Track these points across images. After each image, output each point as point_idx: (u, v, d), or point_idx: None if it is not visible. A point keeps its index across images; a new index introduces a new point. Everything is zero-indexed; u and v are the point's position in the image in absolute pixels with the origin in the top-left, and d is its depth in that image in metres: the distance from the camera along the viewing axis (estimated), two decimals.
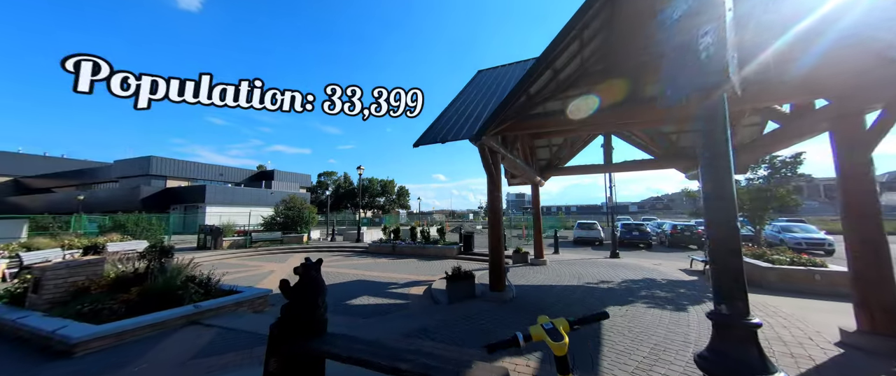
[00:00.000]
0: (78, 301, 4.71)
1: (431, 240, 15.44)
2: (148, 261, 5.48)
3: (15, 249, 9.45)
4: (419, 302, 6.60)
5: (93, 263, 5.36)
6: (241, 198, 35.51)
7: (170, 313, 4.52)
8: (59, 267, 4.99)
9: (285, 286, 2.83)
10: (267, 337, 4.09)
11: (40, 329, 3.99)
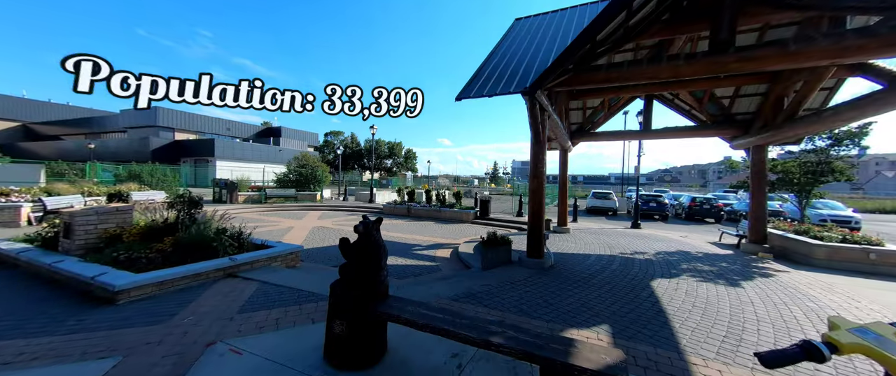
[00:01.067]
0: (112, 248, 4.59)
1: (447, 203, 15.30)
2: (177, 212, 5.29)
3: (36, 193, 9.41)
4: (449, 265, 6.50)
5: (122, 211, 5.19)
6: (251, 154, 35.32)
7: (207, 265, 4.40)
8: (89, 213, 4.82)
9: (346, 245, 2.58)
10: (310, 294, 3.99)
11: (79, 274, 3.89)
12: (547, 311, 3.50)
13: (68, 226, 4.80)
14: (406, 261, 6.66)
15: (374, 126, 19.47)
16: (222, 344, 2.75)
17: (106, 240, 4.89)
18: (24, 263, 4.77)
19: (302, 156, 19.40)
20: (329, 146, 57.13)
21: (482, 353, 2.61)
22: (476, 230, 11.61)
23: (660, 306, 3.67)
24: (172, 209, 5.42)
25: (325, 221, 12.74)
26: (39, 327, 3.05)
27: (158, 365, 2.45)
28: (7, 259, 5.03)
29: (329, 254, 7.12)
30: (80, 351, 2.63)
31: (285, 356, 2.55)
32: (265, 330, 3.02)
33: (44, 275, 4.50)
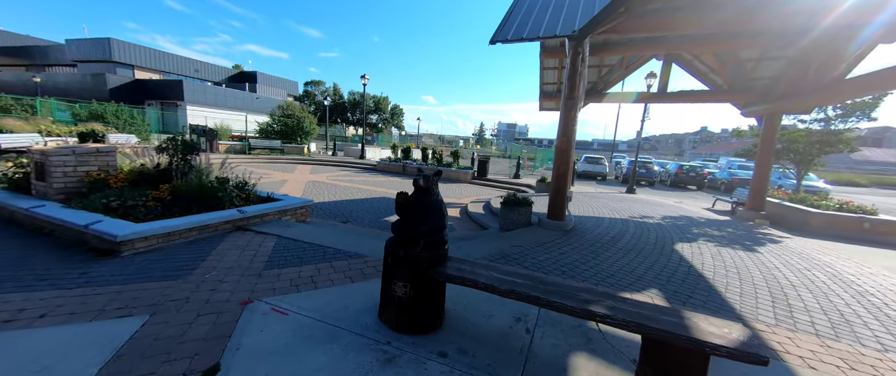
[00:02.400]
0: (101, 194, 4.05)
1: (444, 163, 14.95)
2: (169, 157, 4.69)
3: None
4: (461, 224, 6.38)
5: (103, 152, 4.53)
6: (224, 100, 32.45)
7: (215, 216, 3.99)
8: (65, 152, 4.16)
9: (406, 201, 2.28)
10: (337, 251, 3.71)
11: (69, 221, 3.40)
12: (591, 274, 3.46)
13: (42, 167, 4.15)
14: None
15: (365, 76, 18.06)
16: (261, 303, 2.50)
17: (89, 185, 4.31)
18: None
19: (287, 105, 17.98)
20: (309, 97, 53.52)
21: (546, 316, 2.51)
22: (476, 190, 11.50)
23: (696, 270, 3.73)
24: (163, 153, 4.80)
25: (319, 176, 12.18)
26: (37, 279, 2.66)
27: (195, 325, 2.18)
28: None
29: (335, 210, 6.79)
30: (97, 309, 2.30)
31: (335, 317, 2.35)
32: (302, 289, 2.78)
33: (20, 221, 3.95)
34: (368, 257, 3.54)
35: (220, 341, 2.04)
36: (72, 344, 1.91)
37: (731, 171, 17.52)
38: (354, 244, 3.99)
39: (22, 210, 3.80)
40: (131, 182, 4.51)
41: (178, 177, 4.66)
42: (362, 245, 3.98)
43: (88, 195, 4.18)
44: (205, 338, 2.06)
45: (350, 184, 10.55)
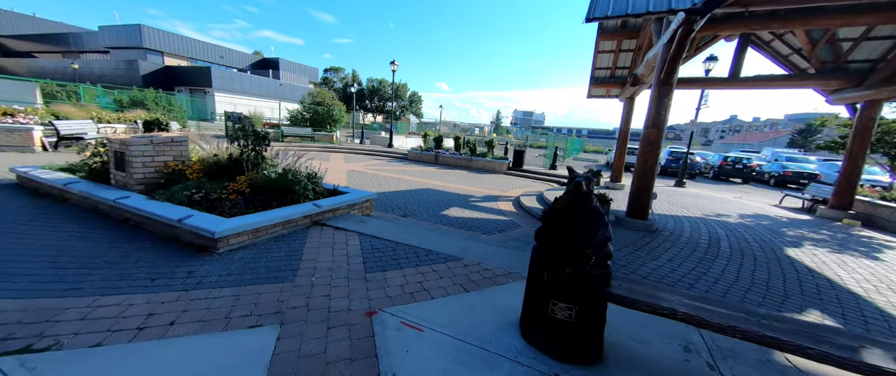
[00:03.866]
0: (182, 185, 3.95)
1: (478, 152, 14.57)
2: (241, 148, 4.56)
3: (43, 115, 8.38)
4: (525, 221, 6.08)
5: (178, 142, 4.44)
6: (250, 87, 32.81)
7: (295, 211, 3.83)
8: (143, 141, 4.07)
9: (562, 210, 2.00)
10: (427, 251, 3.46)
11: (162, 215, 3.30)
12: (726, 289, 3.11)
13: (121, 157, 4.08)
14: (475, 214, 6.21)
15: (394, 62, 17.63)
16: (386, 314, 2.30)
17: (166, 176, 4.23)
18: (76, 197, 4.14)
19: (317, 92, 17.85)
20: (328, 83, 53.51)
21: (716, 344, 2.21)
22: (516, 181, 11.14)
23: (840, 285, 3.32)
24: (234, 143, 4.67)
25: (355, 165, 12.07)
26: (148, 279, 2.55)
27: (332, 341, 2.00)
28: (52, 190, 4.38)
29: (389, 202, 6.61)
30: (223, 316, 2.16)
31: (475, 336, 2.12)
32: (418, 297, 2.57)
33: (104, 213, 3.92)
34: (465, 259, 3.31)
35: (369, 363, 1.85)
36: (220, 361, 1.75)
37: (783, 164, 16.38)
38: (439, 243, 3.77)
39: (108, 202, 3.75)
40: (206, 173, 4.41)
41: (249, 169, 4.54)
42: (448, 244, 3.75)
43: (167, 186, 4.11)
44: (350, 358, 1.87)
45: (389, 174, 10.38)
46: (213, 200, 3.73)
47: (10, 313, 2.03)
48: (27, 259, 2.76)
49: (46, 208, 4.03)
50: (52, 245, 3.04)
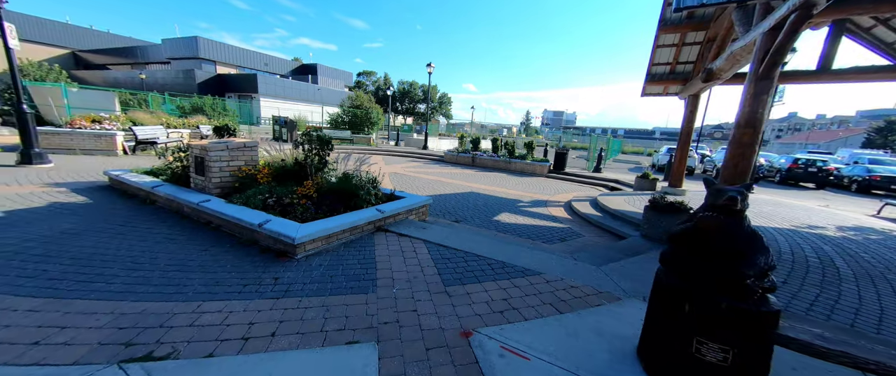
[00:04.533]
0: (255, 190, 4.08)
1: (516, 154, 14.19)
2: (305, 153, 4.65)
3: (124, 122, 9.23)
4: (584, 228, 5.72)
5: (249, 148, 4.61)
6: (291, 91, 34.59)
7: (360, 217, 3.81)
8: (220, 147, 4.26)
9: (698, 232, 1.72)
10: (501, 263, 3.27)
11: (242, 219, 3.40)
12: (877, 320, 2.65)
13: (201, 162, 4.30)
14: (528, 220, 5.94)
15: (431, 64, 17.70)
16: (482, 336, 2.15)
17: (240, 180, 4.41)
18: (162, 199, 4.43)
19: (356, 96, 18.33)
20: (361, 86, 55.17)
21: None
22: (559, 185, 10.69)
23: None
24: (299, 148, 4.78)
25: (395, 166, 12.20)
26: (240, 284, 2.60)
27: (434, 365, 1.88)
28: (140, 192, 4.73)
29: (438, 207, 6.51)
30: (318, 328, 2.12)
31: (591, 369, 1.90)
32: (510, 317, 2.40)
33: (187, 215, 4.14)
34: (545, 274, 3.09)
35: None
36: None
37: (868, 167, 14.43)
38: (509, 254, 3.58)
39: (191, 204, 3.95)
40: (274, 177, 4.55)
41: (313, 173, 4.62)
42: (518, 255, 3.54)
43: (241, 190, 4.27)
44: None
45: (430, 177, 10.35)
46: (285, 205, 3.80)
47: (129, 316, 2.12)
48: (133, 260, 2.92)
49: (136, 209, 4.34)
50: (151, 248, 3.22)
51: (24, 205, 4.15)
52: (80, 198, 4.59)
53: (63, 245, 3.11)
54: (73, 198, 4.62)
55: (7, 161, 6.46)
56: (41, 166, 6.23)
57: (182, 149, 4.91)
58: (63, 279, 2.51)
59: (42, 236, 3.26)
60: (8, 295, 2.25)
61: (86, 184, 5.41)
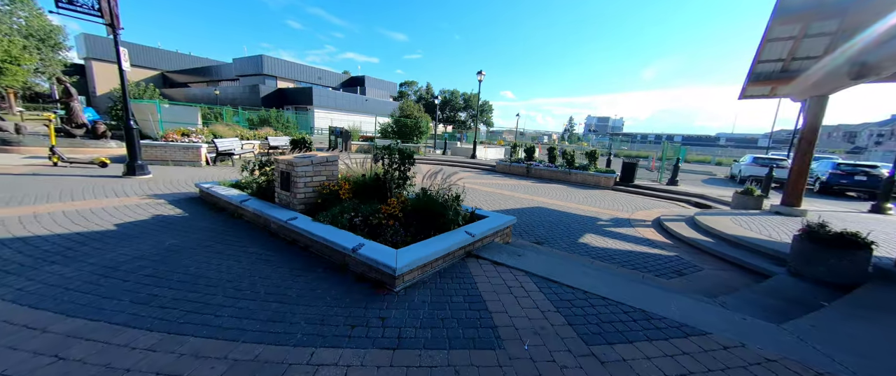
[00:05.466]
0: (339, 207, 3.88)
1: (577, 164, 13.19)
2: (386, 167, 4.41)
3: (207, 135, 10.00)
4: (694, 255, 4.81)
5: (331, 162, 4.49)
6: (342, 103, 36.47)
7: (452, 241, 3.41)
8: (305, 162, 4.15)
9: None
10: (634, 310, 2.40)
11: (335, 242, 3.17)
12: None
13: (287, 177, 4.23)
14: (620, 245, 5.16)
15: (481, 72, 17.36)
16: None
17: (323, 195, 4.27)
18: (249, 214, 4.43)
19: (406, 105, 18.57)
20: (404, 96, 56.74)
21: None
22: (633, 200, 9.57)
23: None
24: (378, 162, 4.57)
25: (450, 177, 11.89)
26: (346, 325, 2.29)
27: None
28: (229, 206, 4.81)
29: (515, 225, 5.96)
30: None
31: None
32: None
33: (274, 232, 4.06)
34: (714, 336, 2.37)
35: None
36: None
37: None
38: (639, 297, 2.93)
39: (279, 221, 3.85)
40: (356, 192, 4.36)
41: (392, 188, 4.36)
42: (654, 301, 2.87)
43: (324, 206, 4.12)
44: None
45: (487, 189, 9.85)
46: (374, 226, 3.53)
47: (243, 363, 1.87)
48: (235, 287, 2.78)
49: (226, 224, 4.37)
50: (248, 270, 3.09)
51: (132, 217, 4.37)
52: (177, 211, 4.78)
53: (169, 264, 3.09)
54: (171, 210, 4.83)
55: (116, 172, 7.16)
56: (142, 177, 6.79)
57: (264, 162, 4.96)
58: (173, 307, 2.39)
59: (150, 254, 3.29)
60: (127, 326, 2.14)
61: (180, 195, 5.71)
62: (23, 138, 9.44)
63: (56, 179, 6.22)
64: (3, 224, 3.78)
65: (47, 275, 2.73)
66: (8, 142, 9.10)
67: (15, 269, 2.79)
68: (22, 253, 3.11)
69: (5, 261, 2.93)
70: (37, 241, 3.39)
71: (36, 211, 4.33)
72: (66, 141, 9.63)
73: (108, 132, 10.78)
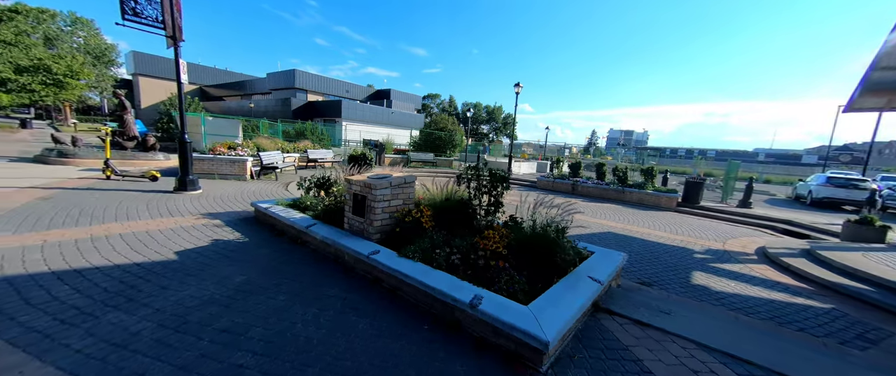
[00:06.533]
0: (429, 239, 3.26)
1: (630, 182, 12.18)
2: (472, 190, 3.78)
3: (253, 148, 9.83)
4: (865, 313, 3.82)
5: (408, 184, 3.91)
6: (369, 115, 36.88)
7: (582, 292, 2.69)
8: (383, 184, 3.58)
9: None
10: None
11: (436, 289, 2.52)
12: None
13: (362, 201, 3.67)
14: (744, 288, 4.24)
15: (519, 84, 16.79)
16: None
17: (402, 224, 3.66)
18: (316, 242, 3.89)
19: (438, 118, 18.21)
20: (426, 109, 57.06)
21: None
22: (708, 225, 8.48)
23: None
24: (462, 182, 3.95)
25: None
26: None
27: None
28: (289, 230, 4.30)
29: None
30: None
31: None
32: None
33: (349, 265, 3.47)
34: None
35: None
36: None
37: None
38: None
39: (359, 256, 3.26)
40: (438, 219, 3.73)
41: (482, 216, 3.70)
42: None
43: (403, 236, 3.50)
44: None
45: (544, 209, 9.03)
46: (481, 268, 2.87)
47: None
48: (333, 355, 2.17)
49: (290, 253, 3.85)
50: (338, 323, 2.48)
51: (190, 242, 3.93)
52: (235, 235, 4.32)
53: (244, 311, 2.54)
54: (229, 233, 4.38)
55: (166, 186, 6.95)
56: (193, 193, 6.52)
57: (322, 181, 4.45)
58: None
59: (219, 296, 2.76)
60: None
61: (234, 215, 5.31)
62: (78, 150, 9.60)
63: (110, 194, 6.02)
64: (61, 251, 3.40)
65: (109, 329, 2.22)
66: (65, 154, 9.25)
67: (73, 317, 2.31)
68: (80, 292, 2.65)
69: (63, 304, 2.47)
70: (95, 275, 2.94)
71: (93, 233, 3.98)
72: (117, 153, 9.72)
73: (156, 144, 10.88)
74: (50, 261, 3.14)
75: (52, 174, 7.63)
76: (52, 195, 5.67)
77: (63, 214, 4.63)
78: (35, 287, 2.67)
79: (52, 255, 3.27)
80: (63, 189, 6.19)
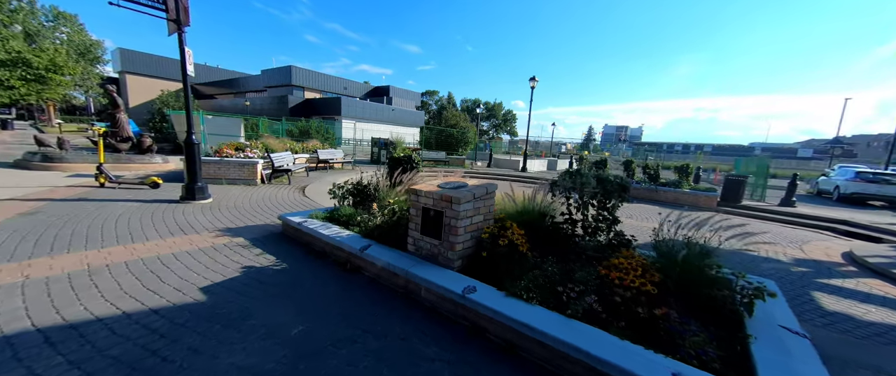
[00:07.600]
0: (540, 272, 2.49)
1: (663, 181, 11.53)
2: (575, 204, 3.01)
3: (262, 149, 8.94)
4: None
5: (489, 194, 3.12)
6: (369, 113, 35.82)
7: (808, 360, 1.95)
8: (465, 196, 2.79)
9: None
10: None
11: (600, 359, 1.75)
12: None
13: (437, 217, 2.87)
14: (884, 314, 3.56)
15: (534, 78, 16.04)
16: None
17: (492, 247, 2.88)
18: (375, 270, 3.09)
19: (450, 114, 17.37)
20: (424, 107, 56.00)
21: None
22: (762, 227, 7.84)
23: None
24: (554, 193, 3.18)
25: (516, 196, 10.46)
26: None
27: None
28: (335, 252, 3.49)
29: None
30: None
31: None
32: None
33: (431, 304, 2.69)
34: None
35: None
36: None
37: None
38: None
39: (445, 293, 2.48)
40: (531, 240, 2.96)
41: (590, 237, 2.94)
42: None
43: (491, 263, 2.73)
44: None
45: None
46: (644, 320, 2.11)
47: None
48: None
49: (342, 283, 3.05)
50: None
51: (216, 272, 3.11)
52: (268, 260, 3.50)
53: None
54: (259, 257, 3.56)
55: (170, 194, 6.07)
56: (203, 202, 5.66)
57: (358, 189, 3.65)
58: None
59: (278, 365, 1.96)
60: None
61: (258, 230, 4.47)
62: (65, 154, 8.61)
63: (107, 206, 5.12)
64: (50, 292, 2.56)
65: None
66: (51, 158, 8.26)
67: None
68: (76, 366, 1.83)
69: None
70: (97, 332, 2.12)
71: (90, 262, 3.13)
72: (111, 156, 8.75)
73: (153, 146, 9.91)
74: (34, 311, 2.30)
75: (35, 181, 6.67)
76: (37, 209, 4.77)
77: (50, 235, 3.76)
78: (11, 360, 1.84)
79: (37, 301, 2.44)
80: (50, 201, 5.28)
